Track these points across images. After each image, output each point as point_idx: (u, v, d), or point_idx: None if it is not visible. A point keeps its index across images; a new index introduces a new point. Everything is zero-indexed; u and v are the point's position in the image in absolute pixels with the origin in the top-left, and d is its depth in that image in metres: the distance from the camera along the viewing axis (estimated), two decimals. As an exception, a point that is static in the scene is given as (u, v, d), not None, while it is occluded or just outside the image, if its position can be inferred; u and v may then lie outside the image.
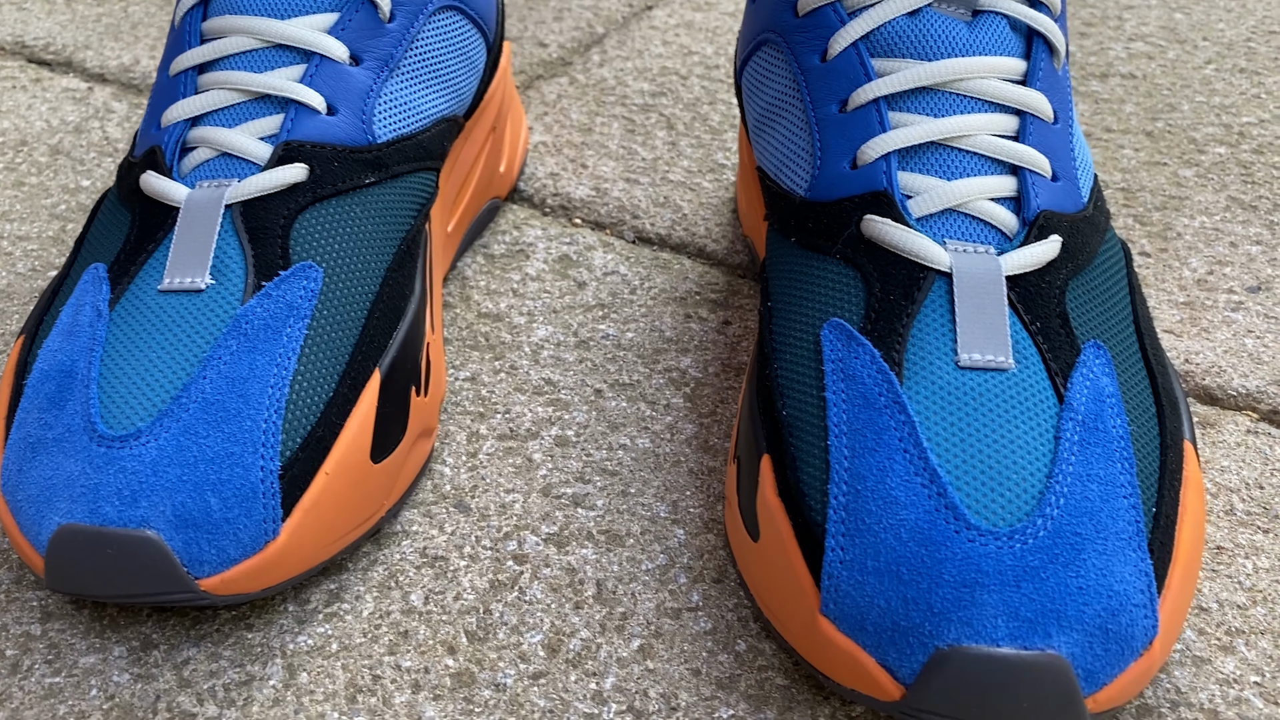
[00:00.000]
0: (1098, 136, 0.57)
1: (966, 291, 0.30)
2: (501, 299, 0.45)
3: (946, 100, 0.33)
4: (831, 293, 0.32)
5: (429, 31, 0.39)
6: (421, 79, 0.39)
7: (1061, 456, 0.28)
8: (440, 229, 0.43)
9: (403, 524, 0.36)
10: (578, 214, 0.51)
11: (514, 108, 0.51)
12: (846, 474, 0.28)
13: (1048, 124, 0.33)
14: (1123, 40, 0.67)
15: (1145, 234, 0.49)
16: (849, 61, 0.33)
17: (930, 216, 0.32)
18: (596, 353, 0.43)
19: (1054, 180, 0.33)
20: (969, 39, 0.33)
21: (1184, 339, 0.43)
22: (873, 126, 0.33)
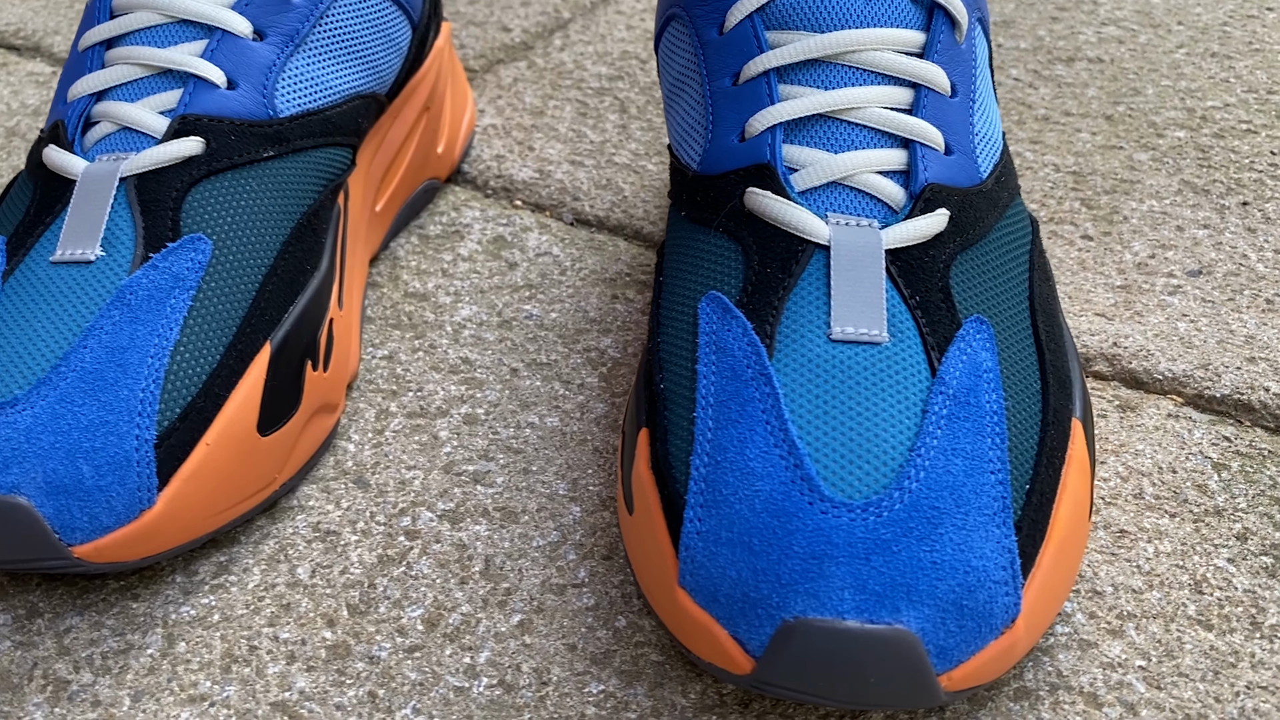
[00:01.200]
0: (1056, 120, 0.56)
1: (843, 264, 0.30)
2: (430, 279, 0.45)
3: (838, 72, 0.32)
4: (713, 266, 0.31)
5: (340, 8, 0.39)
6: (331, 55, 0.39)
7: (927, 430, 0.27)
8: (365, 208, 0.43)
9: (299, 498, 0.36)
10: (519, 196, 0.51)
11: (456, 89, 0.51)
12: (709, 445, 0.28)
13: (944, 97, 0.33)
14: (1095, 24, 0.66)
15: (1090, 217, 0.48)
16: (744, 34, 0.33)
17: (814, 190, 0.31)
18: (518, 332, 0.42)
19: (947, 154, 0.32)
20: (865, 11, 0.32)
21: (1115, 322, 0.42)
22: (761, 99, 0.32)
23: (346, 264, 0.40)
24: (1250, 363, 0.40)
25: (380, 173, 0.44)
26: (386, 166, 0.45)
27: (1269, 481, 0.35)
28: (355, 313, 0.40)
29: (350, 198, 0.41)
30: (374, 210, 0.44)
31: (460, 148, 0.52)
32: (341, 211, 0.40)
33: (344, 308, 0.39)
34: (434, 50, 0.47)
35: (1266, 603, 0.31)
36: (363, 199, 0.43)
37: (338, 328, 0.38)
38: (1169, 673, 0.30)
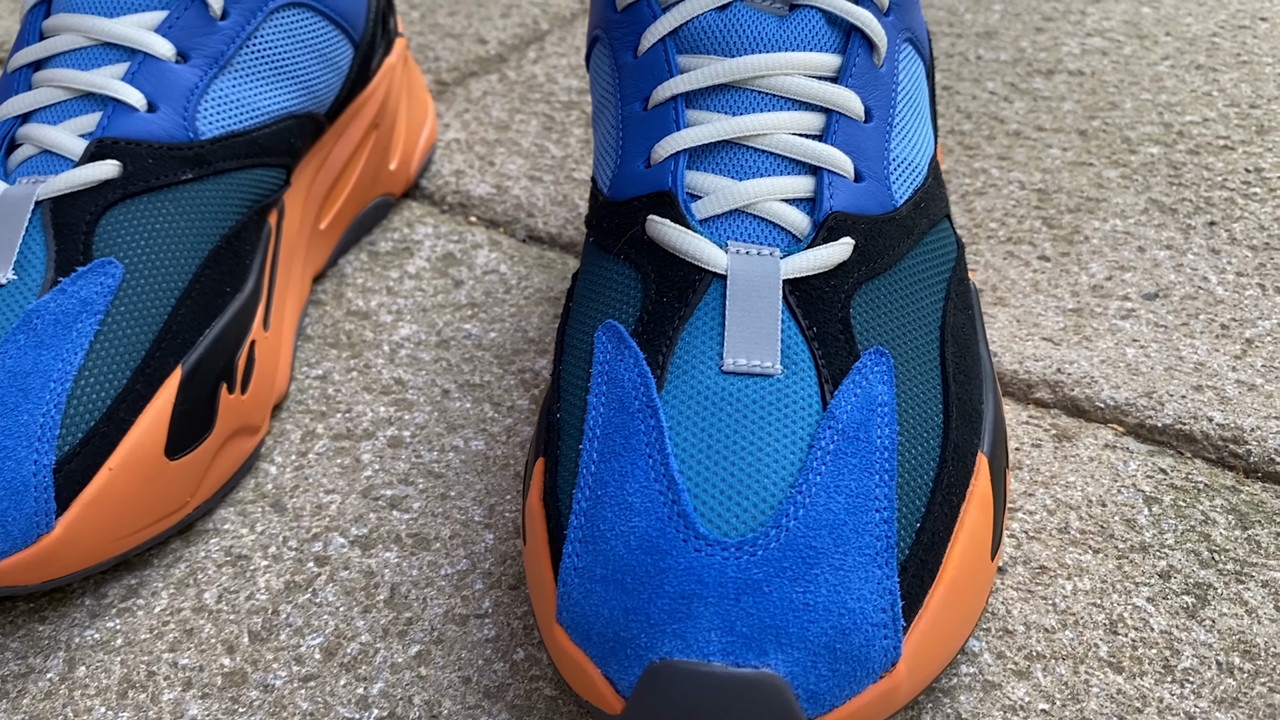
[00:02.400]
0: (1027, 135, 0.55)
1: (739, 294, 0.29)
2: (374, 297, 0.45)
3: (747, 98, 0.32)
4: (614, 294, 0.31)
5: (270, 29, 0.39)
6: (259, 76, 0.39)
7: (811, 466, 0.26)
8: (305, 226, 0.43)
9: (215, 521, 0.35)
10: (474, 212, 0.51)
11: (413, 104, 0.51)
12: (591, 479, 0.27)
13: (857, 123, 0.32)
14: (1080, 35, 0.64)
15: (1050, 237, 0.47)
16: (656, 58, 0.33)
17: (715, 218, 0.31)
18: (455, 352, 0.42)
19: (857, 181, 0.31)
20: (778, 34, 0.32)
21: (1063, 347, 0.41)
22: (668, 125, 0.32)
23: (277, 284, 0.40)
24: (1196, 391, 0.39)
25: (324, 191, 0.44)
26: (330, 184, 0.45)
27: (1200, 516, 0.34)
28: (287, 333, 0.40)
29: (285, 216, 0.41)
30: (318, 228, 0.44)
31: (417, 163, 0.52)
32: (273, 231, 0.40)
33: (270, 329, 0.38)
34: (383, 68, 0.47)
35: (1182, 645, 0.30)
36: (302, 217, 0.43)
37: (261, 349, 0.37)
38: (1072, 717, 0.29)
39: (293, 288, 0.42)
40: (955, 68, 0.61)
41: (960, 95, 0.58)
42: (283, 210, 0.41)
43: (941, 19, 0.67)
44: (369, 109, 0.46)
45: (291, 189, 0.41)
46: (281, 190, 0.40)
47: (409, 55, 0.51)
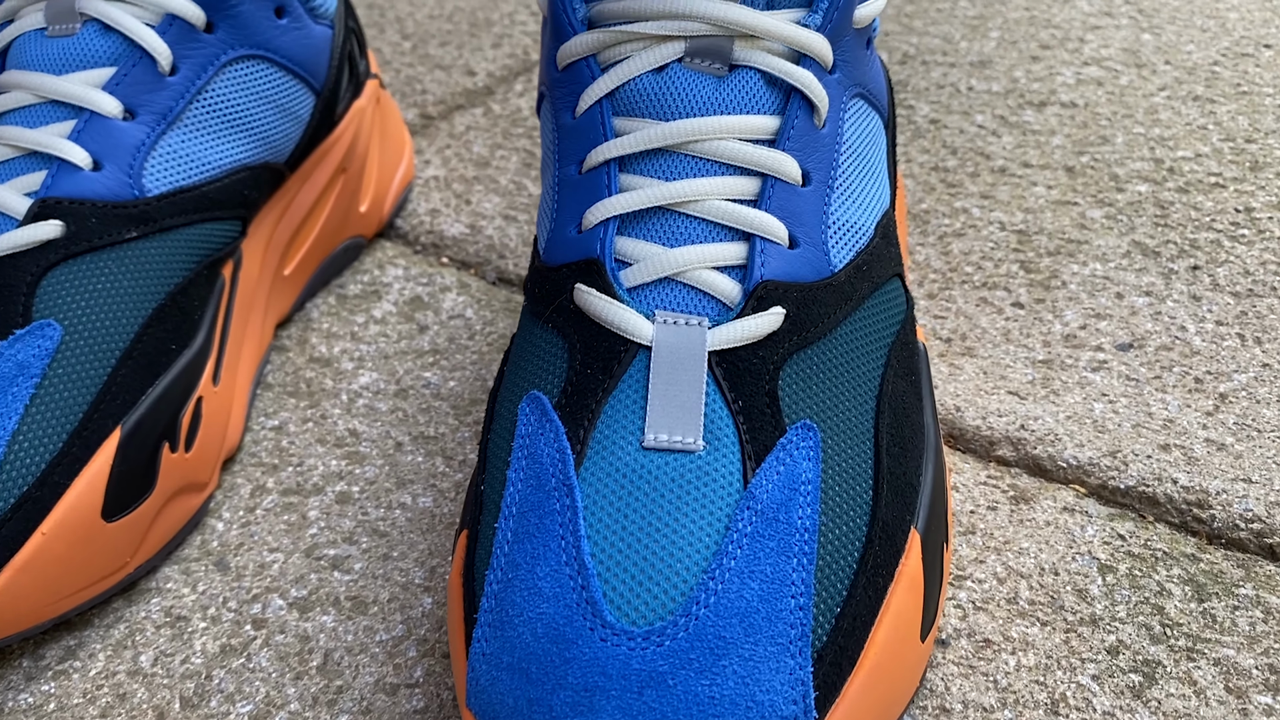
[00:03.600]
0: (1013, 172, 0.54)
1: (663, 366, 0.29)
2: (337, 343, 0.45)
3: (681, 163, 0.31)
4: (541, 363, 0.30)
5: (223, 83, 0.39)
6: (210, 130, 0.39)
7: (726, 550, 0.26)
8: (267, 273, 0.43)
9: (158, 579, 0.35)
10: (447, 252, 0.51)
11: (387, 145, 0.51)
12: (505, 560, 0.27)
13: (794, 187, 0.31)
14: (1076, 65, 0.63)
15: (1027, 282, 0.46)
16: (593, 120, 0.32)
17: (644, 286, 0.30)
18: (412, 402, 0.42)
19: (792, 247, 0.31)
20: (714, 97, 0.31)
21: (1028, 402, 0.40)
22: (600, 190, 0.31)
23: (231, 337, 0.40)
24: (1163, 450, 0.38)
25: (286, 238, 0.44)
26: (294, 231, 0.45)
27: (1155, 587, 0.33)
28: (241, 386, 0.40)
29: (243, 267, 0.41)
30: (281, 274, 0.44)
31: (390, 204, 0.51)
32: (227, 284, 0.40)
33: (222, 383, 0.38)
34: (351, 112, 0.47)
35: (1124, 729, 0.30)
36: (262, 265, 0.43)
37: (209, 405, 0.37)
38: (1003, 805, 0.28)
39: (251, 338, 0.42)
40: (945, 100, 0.60)
41: (948, 129, 0.57)
42: (239, 261, 0.41)
43: (936, 47, 0.66)
44: (335, 154, 0.46)
45: (250, 238, 0.41)
46: (236, 242, 0.40)
47: (382, 95, 0.51)
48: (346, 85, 0.46)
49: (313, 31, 0.42)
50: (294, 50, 0.41)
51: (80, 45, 0.37)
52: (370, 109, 0.49)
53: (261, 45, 0.40)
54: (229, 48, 0.39)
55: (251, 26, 0.39)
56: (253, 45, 0.39)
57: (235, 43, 0.39)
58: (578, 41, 0.33)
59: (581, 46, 0.32)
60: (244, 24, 0.39)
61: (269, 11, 0.40)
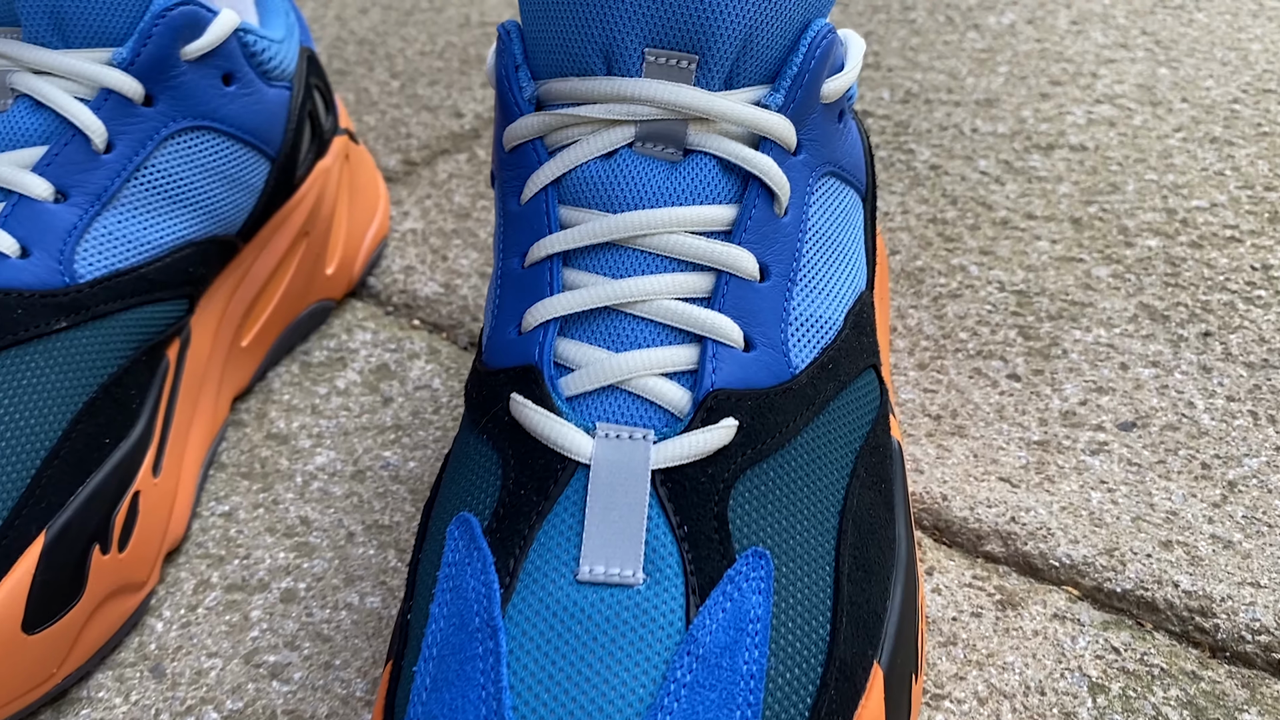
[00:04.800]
0: (1015, 225, 0.51)
1: (602, 488, 0.26)
2: (297, 417, 0.43)
3: (629, 258, 0.29)
4: (474, 479, 0.28)
5: (164, 157, 0.37)
6: (150, 208, 0.37)
7: (662, 704, 0.24)
8: (221, 348, 0.41)
9: (90, 687, 0.34)
10: (419, 313, 0.49)
11: (357, 201, 0.49)
12: (421, 710, 0.25)
13: (750, 283, 0.29)
14: (1088, 102, 0.60)
15: (1025, 350, 0.44)
16: (537, 209, 0.30)
17: (585, 395, 0.28)
18: (369, 485, 0.40)
19: (747, 349, 0.28)
20: (666, 185, 0.29)
21: (1021, 490, 0.37)
22: (542, 288, 0.29)
23: (175, 423, 0.38)
24: (1164, 548, 0.35)
25: (243, 309, 0.42)
26: (251, 302, 0.43)
27: (1151, 711, 0.31)
28: (189, 472, 0.38)
29: (191, 345, 0.39)
30: (238, 346, 0.42)
31: (362, 263, 0.50)
32: (171, 366, 0.38)
33: (164, 474, 0.37)
34: (314, 173, 0.45)
35: None
36: (215, 341, 0.41)
37: (148, 500, 0.36)
38: None
39: (201, 419, 0.40)
40: (948, 143, 0.58)
41: (949, 176, 0.55)
42: (187, 339, 0.39)
43: (940, 84, 0.63)
44: (295, 219, 0.44)
45: (200, 314, 0.40)
46: (183, 320, 0.38)
47: (353, 150, 0.49)
48: (308, 146, 0.45)
49: (265, 96, 0.40)
50: (244, 118, 0.39)
51: (10, 123, 0.35)
52: (337, 167, 0.47)
53: (207, 115, 0.38)
54: (170, 120, 0.37)
55: (195, 97, 0.37)
56: (197, 116, 0.37)
57: (177, 115, 0.37)
58: (524, 123, 0.30)
59: (527, 128, 0.30)
60: (187, 95, 0.37)
61: (215, 80, 0.38)
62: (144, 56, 0.36)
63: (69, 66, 0.35)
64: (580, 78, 0.29)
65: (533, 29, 0.30)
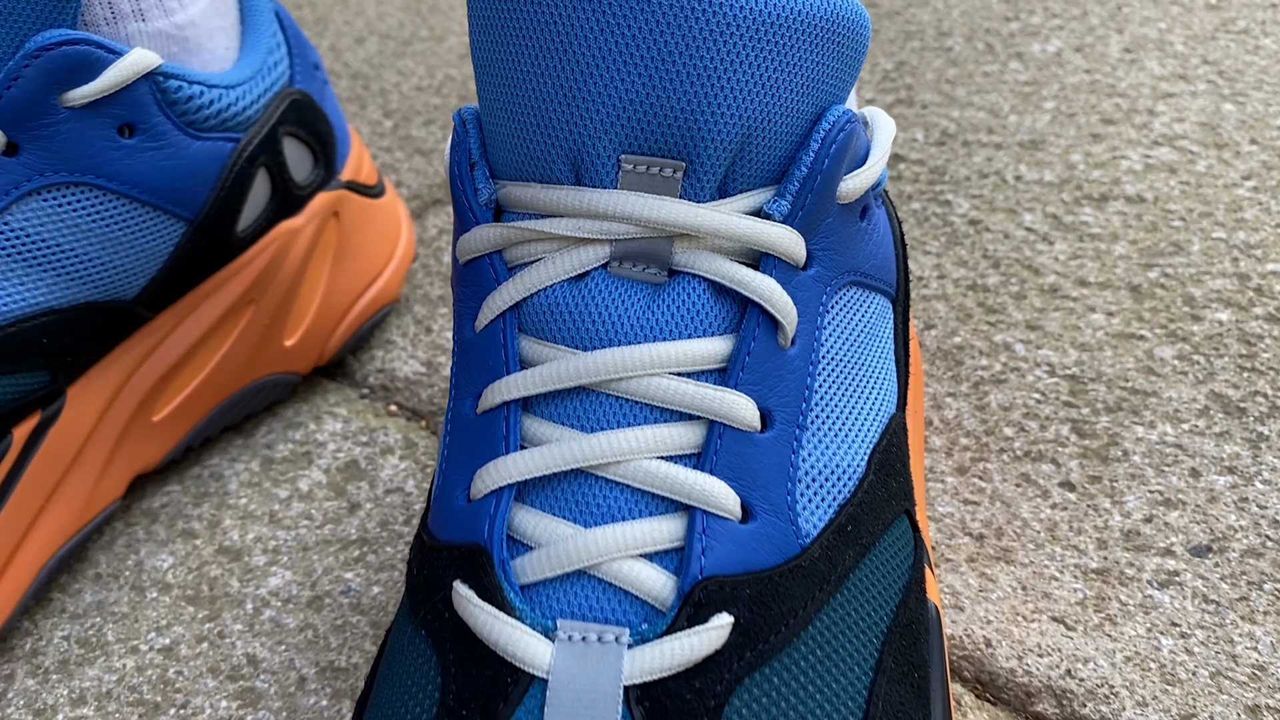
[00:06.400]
0: (1066, 293, 0.45)
1: (562, 710, 0.21)
2: (253, 527, 0.38)
3: (602, 406, 0.24)
4: (408, 684, 0.23)
5: (22, 214, 0.32)
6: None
7: None
8: (113, 424, 0.37)
9: None
10: (397, 397, 0.44)
11: (346, 266, 0.44)
12: None
13: (749, 435, 0.24)
14: (1144, 145, 0.54)
15: (1079, 452, 0.38)
16: (493, 340, 0.25)
17: (545, 584, 0.23)
18: (326, 615, 0.35)
19: (745, 519, 0.23)
20: (647, 316, 0.24)
21: (1078, 633, 0.32)
22: (495, 443, 0.24)
23: (9, 508, 0.34)
24: (1251, 715, 0.29)
25: (152, 381, 0.38)
26: (164, 374, 0.38)
27: None
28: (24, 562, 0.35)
29: (62, 420, 0.35)
30: (149, 421, 0.39)
31: (343, 335, 0.45)
32: (16, 445, 0.34)
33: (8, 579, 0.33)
34: (272, 234, 0.40)
35: None
36: (103, 416, 0.37)
37: None
38: None
39: (64, 504, 0.36)
40: (989, 192, 0.52)
41: (990, 233, 0.49)
42: (55, 414, 0.35)
43: (980, 123, 0.58)
44: (234, 285, 0.39)
45: (83, 386, 0.36)
46: (38, 393, 0.34)
47: (351, 205, 0.44)
48: (265, 204, 0.40)
49: (183, 150, 0.35)
50: (143, 174, 0.34)
51: None
52: (312, 228, 0.42)
53: (90, 170, 0.33)
54: (35, 174, 0.32)
55: (75, 149, 0.33)
56: (75, 170, 0.33)
57: (46, 168, 0.32)
58: (479, 234, 0.25)
59: (483, 241, 0.25)
60: (64, 146, 0.32)
61: (107, 130, 0.33)
62: (6, 100, 0.31)
63: None
64: (544, 185, 0.24)
65: (491, 122, 0.25)
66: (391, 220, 0.47)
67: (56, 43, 0.31)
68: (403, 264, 0.47)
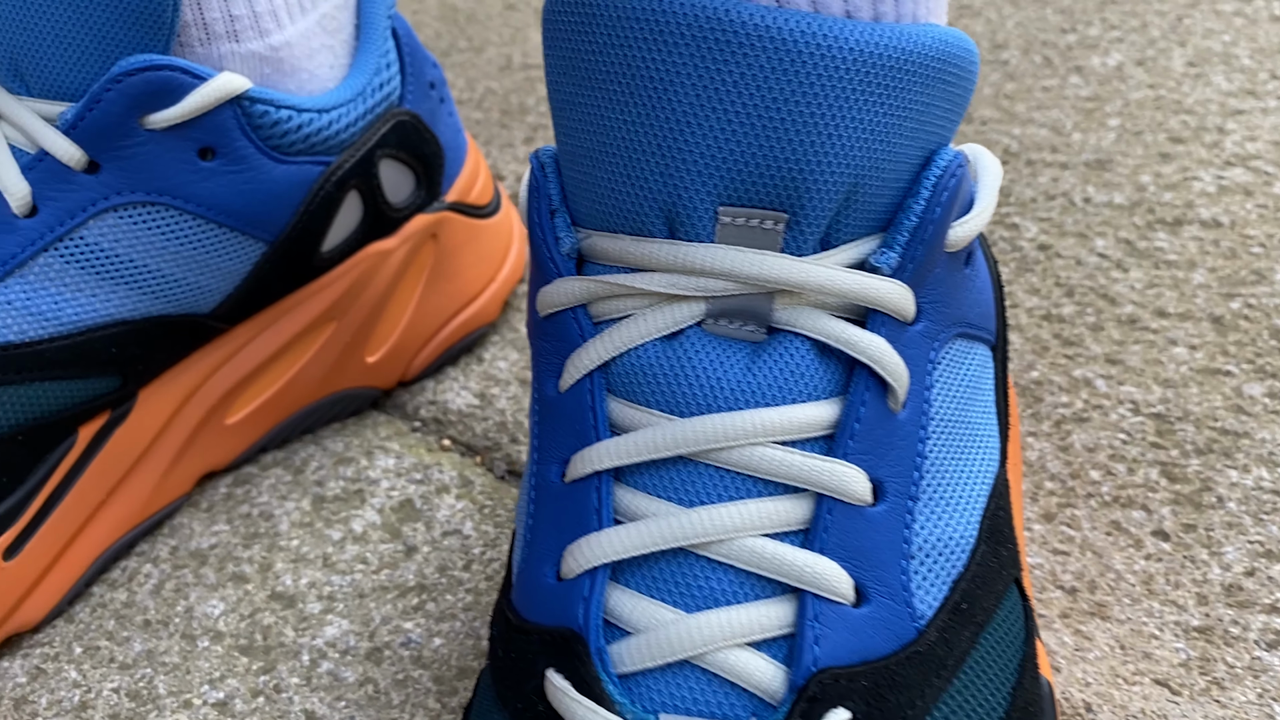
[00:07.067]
0: (1145, 324, 0.43)
1: (669, 820, 0.20)
2: (306, 571, 0.37)
3: (702, 478, 0.22)
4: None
5: (98, 230, 0.32)
6: (66, 282, 0.33)
7: None
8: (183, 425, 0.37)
9: None
10: (450, 431, 0.42)
11: (439, 288, 0.43)
12: None
13: (859, 510, 0.22)
14: (1216, 165, 0.52)
15: (1170, 498, 0.36)
16: (580, 402, 0.23)
17: (646, 674, 0.21)
18: (386, 670, 0.34)
19: (859, 603, 0.22)
20: (747, 379, 0.22)
21: (1182, 699, 0.30)
22: (587, 517, 0.22)
23: (69, 503, 0.34)
24: (1377, 795, 0.28)
25: (226, 387, 0.38)
26: (239, 382, 0.38)
27: None
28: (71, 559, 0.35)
29: (131, 419, 0.35)
30: (222, 423, 0.38)
31: (431, 355, 0.44)
32: (81, 443, 0.34)
33: (20, 558, 0.33)
34: (360, 255, 0.39)
35: None
36: (174, 417, 0.37)
37: None
38: None
39: (127, 498, 0.36)
40: (1057, 215, 0.50)
41: (1062, 260, 0.47)
42: (125, 414, 0.35)
43: (1043, 141, 0.56)
44: (315, 304, 0.39)
45: (156, 388, 0.36)
46: (106, 398, 0.34)
47: (452, 227, 0.42)
48: (357, 226, 0.39)
49: (266, 174, 0.34)
50: (221, 197, 0.34)
51: None
52: (405, 250, 0.41)
53: (167, 191, 0.33)
54: (113, 193, 0.32)
55: (154, 170, 0.32)
56: (153, 191, 0.33)
57: (124, 187, 0.32)
58: (562, 287, 0.24)
59: (567, 294, 0.24)
60: (142, 167, 0.32)
61: (187, 153, 0.32)
62: (88, 121, 0.31)
63: (17, 117, 0.31)
64: (634, 238, 0.23)
65: (573, 167, 0.24)
66: (499, 240, 0.45)
67: (140, 68, 0.31)
68: (506, 285, 0.45)
